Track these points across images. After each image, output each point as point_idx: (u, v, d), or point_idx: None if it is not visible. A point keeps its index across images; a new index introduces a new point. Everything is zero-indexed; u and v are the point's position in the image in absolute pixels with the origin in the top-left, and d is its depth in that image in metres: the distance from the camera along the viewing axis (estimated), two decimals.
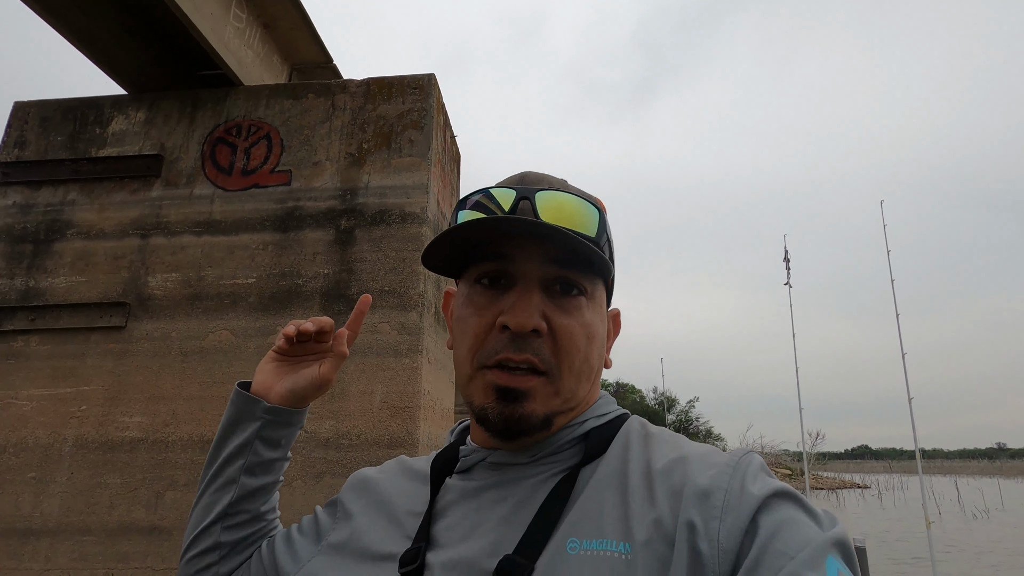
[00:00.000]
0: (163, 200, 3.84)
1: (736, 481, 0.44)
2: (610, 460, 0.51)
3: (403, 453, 3.06)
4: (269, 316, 3.51)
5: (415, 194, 3.69)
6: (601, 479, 0.50)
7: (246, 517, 0.65)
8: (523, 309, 0.50)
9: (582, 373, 0.53)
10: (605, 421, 0.55)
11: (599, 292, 0.56)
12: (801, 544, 0.40)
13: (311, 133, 3.91)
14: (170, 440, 3.32)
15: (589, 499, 0.48)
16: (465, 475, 0.56)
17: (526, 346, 0.50)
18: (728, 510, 0.43)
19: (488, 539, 0.49)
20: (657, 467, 0.49)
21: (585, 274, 0.53)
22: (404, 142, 3.82)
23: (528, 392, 0.50)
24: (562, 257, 0.52)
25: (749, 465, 0.46)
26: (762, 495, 0.43)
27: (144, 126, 4.06)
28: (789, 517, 0.42)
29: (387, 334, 3.40)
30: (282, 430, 0.65)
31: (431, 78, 3.98)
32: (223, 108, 4.03)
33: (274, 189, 3.79)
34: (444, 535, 0.52)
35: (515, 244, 0.52)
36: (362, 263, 3.57)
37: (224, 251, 3.69)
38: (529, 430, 0.51)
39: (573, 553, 0.45)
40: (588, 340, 0.53)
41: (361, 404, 3.28)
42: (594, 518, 0.47)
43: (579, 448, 0.54)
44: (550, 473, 0.52)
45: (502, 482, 0.53)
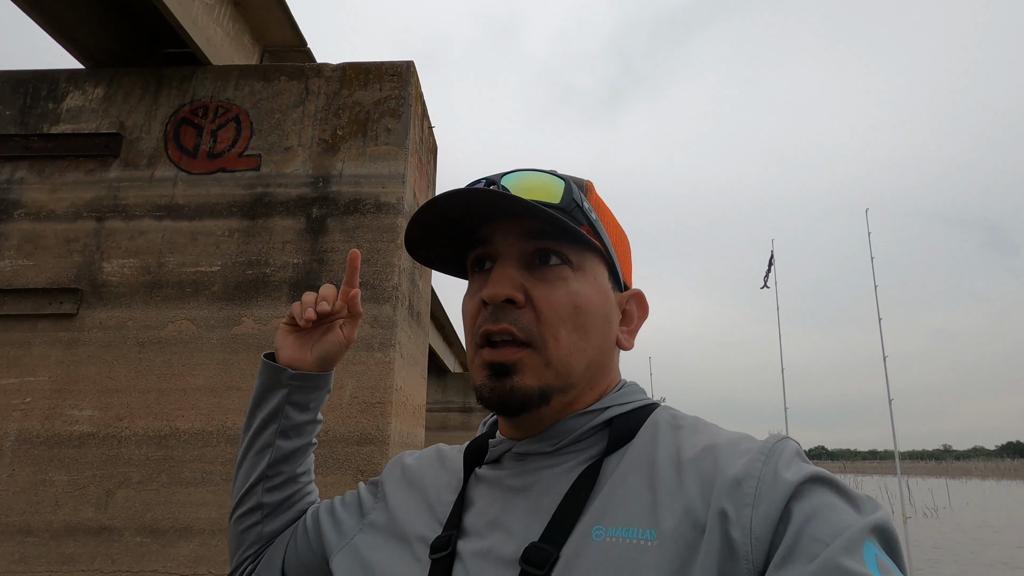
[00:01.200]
0: (121, 181, 3.63)
1: (769, 467, 0.43)
2: (637, 449, 0.51)
3: (373, 450, 2.94)
4: (234, 306, 3.35)
5: (391, 184, 3.58)
6: (627, 467, 0.50)
7: (284, 478, 0.71)
8: (495, 280, 0.51)
9: (573, 345, 0.52)
10: (629, 409, 0.55)
11: (591, 264, 0.55)
12: (837, 530, 0.38)
13: (283, 117, 3.76)
14: (123, 435, 3.14)
15: (615, 487, 0.48)
16: (494, 465, 0.57)
17: (503, 316, 0.51)
18: (761, 497, 0.42)
19: (515, 527, 0.50)
20: (687, 455, 0.48)
21: (566, 246, 0.53)
22: (380, 130, 3.70)
23: (515, 364, 0.50)
24: (537, 230, 0.53)
25: (783, 451, 0.45)
26: (796, 481, 0.42)
27: (102, 103, 3.83)
28: (825, 502, 0.40)
29: (359, 327, 3.29)
30: (311, 394, 0.71)
31: (410, 65, 3.88)
32: (189, 87, 3.84)
33: (242, 174, 3.63)
34: (473, 523, 0.53)
35: (494, 228, 0.54)
36: (334, 253, 3.44)
37: (187, 237, 3.51)
38: (525, 403, 0.51)
39: (598, 540, 0.45)
40: (575, 309, 0.52)
41: (330, 399, 3.16)
42: (620, 506, 0.47)
43: (602, 436, 0.53)
44: (575, 462, 0.52)
45: (527, 471, 0.54)
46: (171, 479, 3.06)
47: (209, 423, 3.14)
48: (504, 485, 0.54)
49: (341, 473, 3.04)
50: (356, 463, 3.05)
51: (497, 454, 0.57)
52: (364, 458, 3.06)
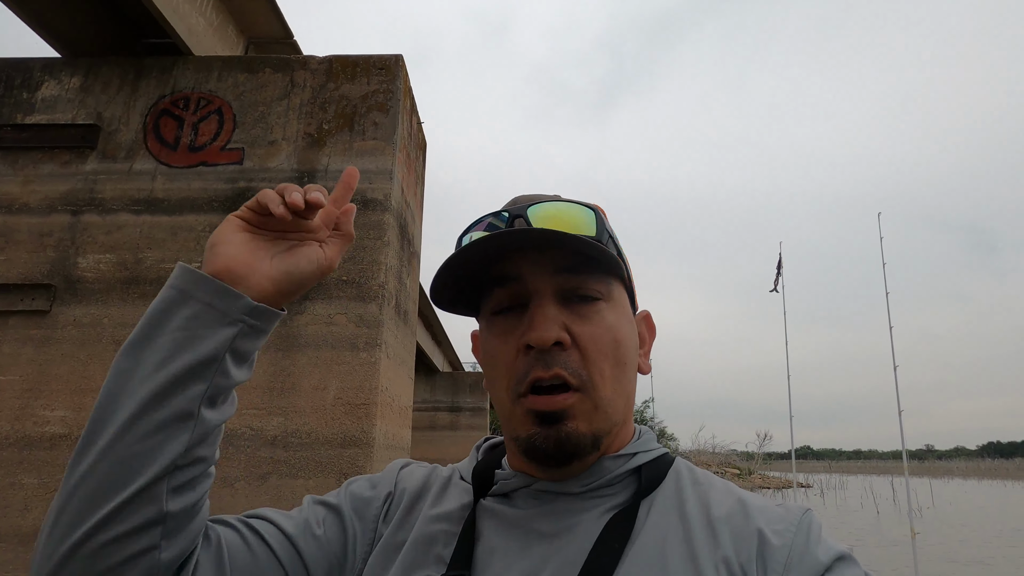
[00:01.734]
0: (98, 174, 3.52)
1: (800, 538, 0.46)
2: (665, 498, 0.51)
3: (357, 452, 2.86)
4: None
5: (378, 180, 3.50)
6: (659, 517, 0.49)
7: (200, 471, 0.47)
8: (540, 322, 0.49)
9: (617, 381, 0.51)
10: (653, 457, 0.54)
11: (618, 294, 0.54)
12: None
13: (267, 110, 3.66)
14: None
15: (649, 537, 0.47)
16: (502, 499, 0.53)
17: (553, 361, 0.48)
18: (791, 567, 0.44)
19: (542, 573, 0.46)
20: (718, 512, 0.49)
21: (597, 278, 0.52)
22: (368, 124, 3.62)
23: (567, 411, 0.48)
24: (569, 264, 0.50)
25: (811, 525, 0.47)
26: (827, 561, 0.45)
27: (79, 93, 3.71)
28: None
29: (344, 326, 3.20)
30: (260, 339, 0.50)
31: (398, 59, 3.80)
32: (170, 78, 3.73)
33: (224, 168, 3.53)
34: (489, 565, 0.49)
35: (520, 263, 0.51)
36: None
37: (166, 232, 3.40)
38: (578, 452, 0.49)
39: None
40: (616, 344, 0.51)
41: (313, 400, 3.08)
42: (657, 557, 0.46)
43: (630, 482, 0.52)
44: (604, 508, 0.50)
45: (552, 513, 0.50)
46: None
47: None
48: (522, 526, 0.50)
49: (323, 477, 2.96)
50: (339, 466, 2.97)
51: (509, 488, 0.53)
52: (348, 461, 2.98)
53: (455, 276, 0.52)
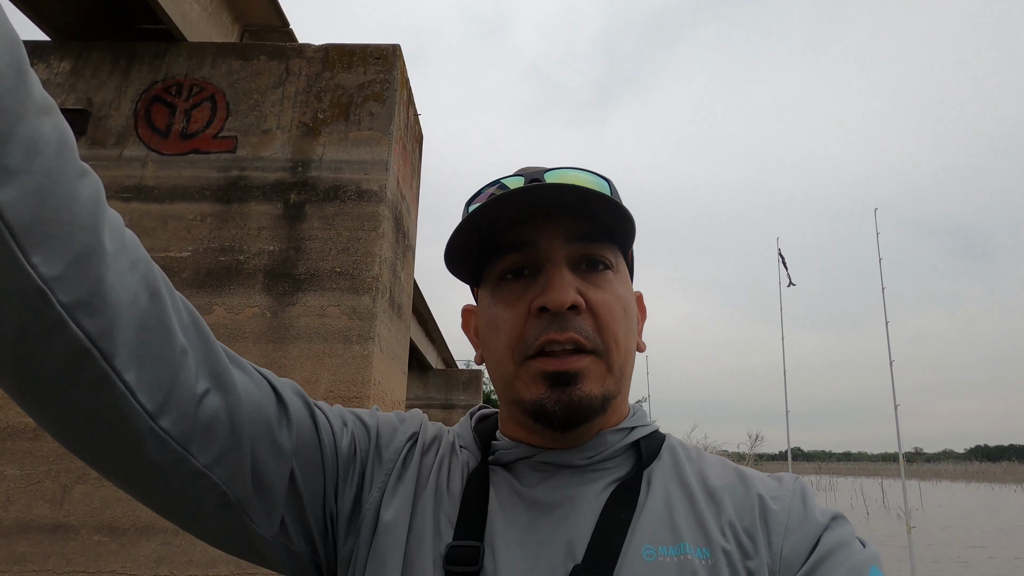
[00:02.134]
0: (87, 160, 3.38)
1: (797, 503, 0.48)
2: (663, 470, 0.52)
3: None
4: (205, 293, 3.20)
5: (373, 170, 3.45)
6: (661, 487, 0.50)
7: None
8: (558, 285, 0.48)
9: (628, 348, 0.51)
10: (648, 433, 0.55)
11: (623, 267, 0.54)
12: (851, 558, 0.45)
13: (261, 98, 3.60)
14: None
15: (655, 505, 0.48)
16: (505, 470, 0.52)
17: (567, 324, 0.48)
18: (791, 529, 0.46)
19: (549, 548, 0.46)
20: (717, 482, 0.50)
21: (609, 247, 0.52)
22: (364, 115, 3.56)
23: (580, 373, 0.48)
24: (583, 232, 0.50)
25: (805, 490, 0.50)
26: (824, 521, 0.47)
27: (69, 77, 3.63)
28: (843, 538, 0.46)
29: (336, 318, 3.15)
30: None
31: (396, 49, 3.74)
32: (162, 64, 3.66)
33: (217, 156, 3.46)
34: (497, 537, 0.47)
35: (534, 229, 0.50)
36: (312, 241, 3.30)
37: (156, 220, 3.34)
38: (589, 414, 0.48)
39: (650, 560, 0.44)
40: (625, 314, 0.51)
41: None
42: (666, 524, 0.46)
43: (629, 455, 0.52)
44: (607, 480, 0.50)
45: (556, 486, 0.50)
46: None
47: None
48: (527, 498, 0.49)
49: None
50: None
51: (510, 458, 0.52)
52: None
53: (466, 238, 0.51)
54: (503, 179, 0.52)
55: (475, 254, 0.53)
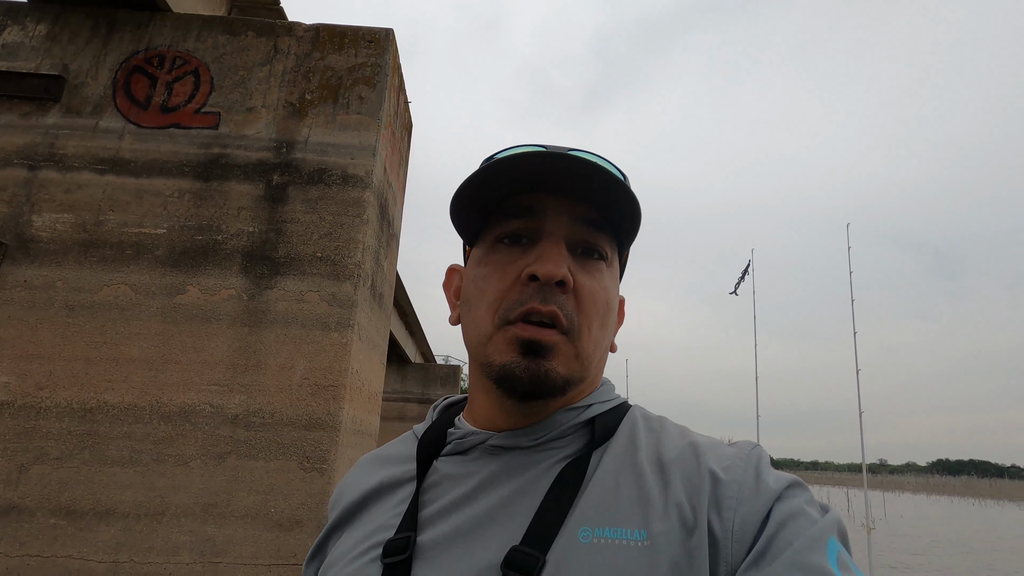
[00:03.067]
0: (60, 129, 3.31)
1: (750, 473, 0.46)
2: (618, 447, 0.50)
3: (322, 435, 2.75)
4: (179, 272, 3.09)
5: (360, 155, 3.37)
6: (610, 466, 0.48)
7: None
8: (552, 258, 0.49)
9: (599, 341, 0.51)
10: (608, 408, 0.54)
11: (616, 264, 0.55)
12: (806, 529, 0.42)
13: (247, 75, 3.50)
14: (43, 406, 2.85)
15: (599, 486, 0.47)
16: (457, 458, 0.52)
17: (552, 298, 0.48)
18: (742, 501, 0.44)
19: (488, 528, 0.46)
20: (669, 455, 0.48)
21: (609, 240, 0.53)
22: (353, 98, 3.48)
23: (552, 347, 0.48)
24: (590, 218, 0.51)
25: (760, 458, 0.47)
26: (778, 488, 0.44)
27: (44, 41, 3.48)
28: (797, 507, 0.43)
29: (315, 304, 3.08)
30: None
31: (389, 33, 3.67)
32: (145, 33, 3.53)
33: (198, 131, 3.35)
34: (436, 522, 0.48)
35: (544, 201, 0.51)
36: (293, 224, 3.22)
37: (131, 195, 3.22)
38: (551, 390, 0.49)
39: (586, 541, 0.43)
40: (606, 305, 0.52)
41: (279, 379, 2.95)
42: (607, 505, 0.45)
43: (583, 434, 0.52)
44: (555, 459, 0.50)
45: (504, 467, 0.50)
46: (94, 456, 2.79)
47: (142, 398, 2.88)
48: (474, 480, 0.49)
49: (285, 459, 2.83)
50: (302, 449, 2.85)
51: (465, 446, 0.52)
52: (311, 444, 2.86)
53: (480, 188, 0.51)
54: (522, 146, 0.52)
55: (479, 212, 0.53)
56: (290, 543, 2.70)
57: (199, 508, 2.73)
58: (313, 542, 0.57)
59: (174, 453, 2.81)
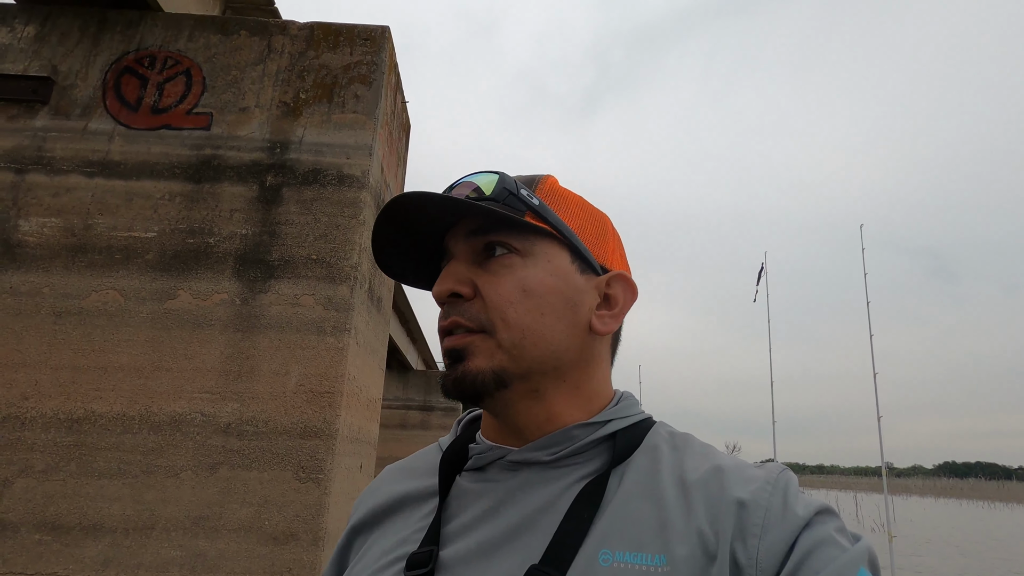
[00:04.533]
0: (49, 131, 3.22)
1: (777, 498, 0.44)
2: (639, 466, 0.50)
3: (318, 444, 2.63)
4: (170, 277, 2.99)
5: (356, 155, 3.28)
6: (632, 486, 0.48)
7: None
8: (440, 278, 0.52)
9: (526, 327, 0.50)
10: (629, 424, 0.53)
11: (543, 249, 0.53)
12: (834, 558, 0.40)
13: (240, 75, 3.41)
14: (28, 416, 2.74)
15: (621, 507, 0.46)
16: (477, 474, 0.53)
17: (452, 310, 0.51)
18: (768, 528, 0.43)
19: (509, 545, 0.46)
20: (692, 477, 0.47)
21: (512, 235, 0.52)
22: (348, 96, 3.40)
23: (466, 348, 0.50)
24: (476, 227, 0.52)
25: (788, 483, 0.46)
26: (806, 516, 0.43)
27: (33, 43, 3.41)
28: (827, 535, 0.42)
29: (310, 308, 2.97)
30: None
31: (385, 31, 3.59)
32: (136, 33, 3.45)
33: (189, 132, 3.27)
34: (458, 538, 0.48)
35: (449, 238, 0.54)
36: (288, 226, 3.12)
37: (121, 198, 3.13)
38: (478, 387, 0.49)
39: (605, 565, 0.43)
40: (524, 293, 0.51)
41: (273, 386, 2.84)
42: (628, 528, 0.45)
43: (602, 450, 0.51)
44: (575, 477, 0.49)
45: (523, 483, 0.50)
46: (81, 469, 2.68)
47: (131, 407, 2.78)
48: (494, 496, 0.50)
49: (280, 469, 2.72)
50: (297, 458, 2.74)
51: (484, 462, 0.53)
52: (307, 453, 2.75)
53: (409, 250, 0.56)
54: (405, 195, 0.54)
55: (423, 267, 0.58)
56: (284, 557, 2.58)
57: (190, 521, 2.62)
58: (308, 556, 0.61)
59: (164, 464, 2.70)
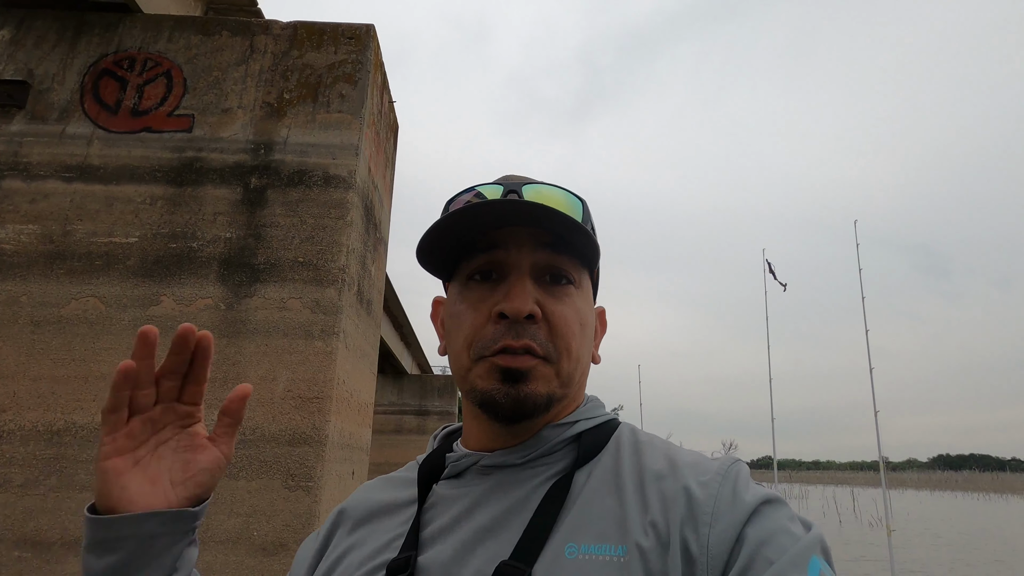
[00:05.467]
0: (25, 136, 3.14)
1: (726, 488, 0.46)
2: (604, 464, 0.52)
3: (307, 451, 2.56)
4: (151, 283, 2.92)
5: (342, 155, 3.22)
6: (596, 483, 0.50)
7: None
8: (518, 295, 0.51)
9: (579, 359, 0.53)
10: (595, 424, 0.55)
11: (586, 284, 0.57)
12: (787, 547, 0.41)
13: (222, 75, 3.35)
14: (6, 429, 2.66)
15: (585, 503, 0.48)
16: (454, 481, 0.55)
17: (523, 332, 0.51)
18: (718, 517, 0.44)
19: (482, 545, 0.48)
20: (649, 473, 0.49)
21: (573, 263, 0.55)
22: (334, 96, 3.34)
23: (530, 372, 0.50)
24: (550, 242, 0.53)
25: (739, 474, 0.47)
26: (754, 503, 0.44)
27: (9, 46, 3.33)
28: (778, 524, 0.43)
29: (297, 312, 2.91)
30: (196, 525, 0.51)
31: (370, 29, 3.53)
32: (114, 36, 3.38)
33: (171, 135, 3.20)
34: (435, 542, 0.50)
35: (507, 235, 0.53)
36: (273, 228, 3.05)
37: (101, 203, 3.05)
38: (534, 410, 0.51)
39: (571, 558, 0.44)
40: (581, 327, 0.54)
41: (260, 392, 2.77)
42: (591, 522, 0.47)
43: (570, 450, 0.53)
44: (544, 476, 0.52)
45: (495, 486, 0.52)
46: (62, 482, 2.60)
47: None
48: (468, 500, 0.52)
49: (268, 478, 2.65)
50: (286, 466, 2.67)
51: (460, 468, 0.55)
52: (296, 460, 2.68)
53: (441, 237, 0.53)
54: (481, 186, 0.55)
55: (448, 253, 0.55)
56: (274, 568, 2.50)
57: None
58: None
59: None
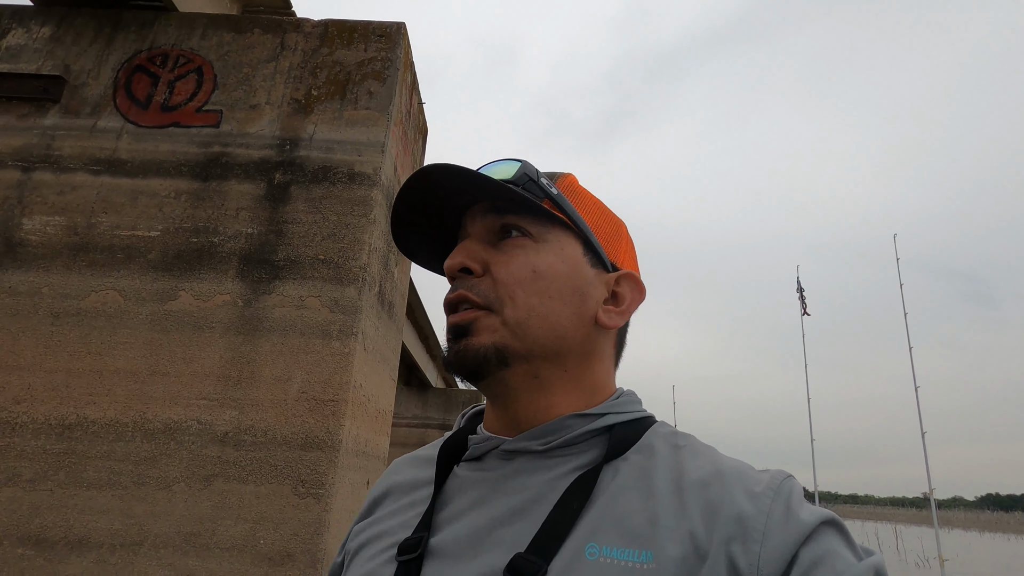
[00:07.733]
0: (58, 130, 3.15)
1: (779, 504, 0.43)
2: (634, 462, 0.50)
3: (320, 456, 2.41)
4: (171, 277, 2.86)
5: (368, 152, 3.13)
6: (624, 481, 0.48)
7: None
8: (453, 253, 0.53)
9: (532, 308, 0.51)
10: (628, 419, 0.53)
11: (556, 237, 0.54)
12: (843, 572, 0.39)
13: (252, 72, 3.32)
14: (19, 421, 2.60)
15: (612, 501, 0.46)
16: (475, 463, 0.55)
17: (460, 284, 0.52)
18: (769, 535, 0.41)
19: (497, 533, 0.47)
20: (691, 478, 0.47)
21: (529, 219, 0.54)
22: (362, 93, 3.27)
23: (470, 325, 0.51)
24: (494, 207, 0.54)
25: (792, 490, 0.45)
26: (812, 522, 0.42)
27: (48, 43, 3.37)
28: (832, 548, 0.41)
29: (316, 310, 2.80)
30: None
31: (400, 27, 3.47)
32: (149, 33, 3.40)
33: (199, 130, 3.17)
34: (449, 526, 0.49)
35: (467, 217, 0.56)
36: (295, 225, 2.97)
37: (126, 196, 3.02)
38: (481, 363, 0.50)
39: (592, 559, 0.42)
40: (533, 274, 0.52)
41: (273, 393, 2.66)
42: (616, 523, 0.45)
43: (597, 443, 0.52)
44: (569, 467, 0.50)
45: (516, 472, 0.51)
46: (70, 478, 2.52)
47: (125, 413, 2.62)
48: (487, 485, 0.51)
49: (278, 483, 2.52)
50: (297, 471, 2.53)
51: (481, 452, 0.54)
52: (307, 466, 2.54)
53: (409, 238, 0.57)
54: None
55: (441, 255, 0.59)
56: None
57: (180, 538, 2.43)
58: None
59: (156, 475, 2.52)
